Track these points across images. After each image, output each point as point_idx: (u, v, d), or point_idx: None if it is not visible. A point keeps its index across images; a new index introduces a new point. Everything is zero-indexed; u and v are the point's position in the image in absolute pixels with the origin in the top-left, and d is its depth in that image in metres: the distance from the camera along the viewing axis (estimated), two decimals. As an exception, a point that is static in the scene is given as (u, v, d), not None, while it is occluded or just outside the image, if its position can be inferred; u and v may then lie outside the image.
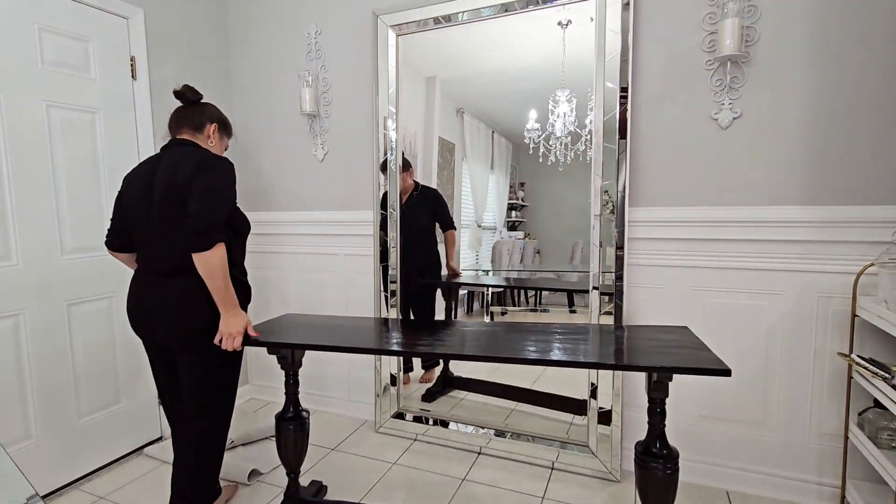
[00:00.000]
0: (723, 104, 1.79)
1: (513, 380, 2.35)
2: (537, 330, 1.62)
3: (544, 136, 2.06)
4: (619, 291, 1.92)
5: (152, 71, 2.31)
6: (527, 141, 2.10)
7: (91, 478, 2.07)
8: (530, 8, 2.01)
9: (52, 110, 1.95)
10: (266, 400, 2.88)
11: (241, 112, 2.78)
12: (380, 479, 2.03)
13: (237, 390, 1.69)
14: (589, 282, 1.97)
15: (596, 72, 1.90)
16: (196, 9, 2.55)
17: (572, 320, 2.21)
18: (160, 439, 2.38)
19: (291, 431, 1.71)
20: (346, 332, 1.68)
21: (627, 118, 1.87)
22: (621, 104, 1.87)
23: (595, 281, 1.95)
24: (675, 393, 1.96)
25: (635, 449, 1.36)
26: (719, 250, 1.85)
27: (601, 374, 1.98)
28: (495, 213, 2.35)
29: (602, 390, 1.98)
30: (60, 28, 1.97)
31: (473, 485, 1.98)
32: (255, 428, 2.39)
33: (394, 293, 2.40)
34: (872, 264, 1.59)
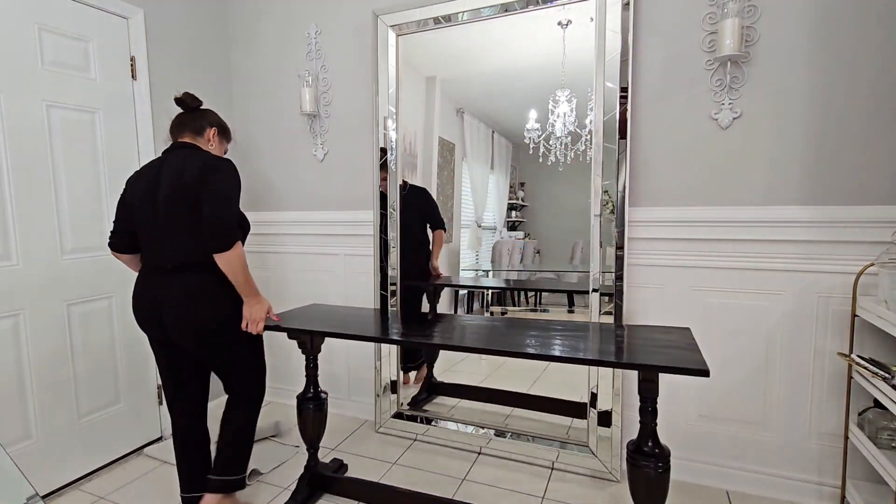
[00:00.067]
0: (723, 104, 1.79)
1: (508, 384, 2.34)
2: (533, 326, 1.66)
3: (544, 136, 2.06)
4: (619, 291, 1.92)
5: (152, 71, 2.31)
6: (527, 141, 2.10)
7: (91, 478, 2.08)
8: (530, 8, 2.01)
9: (52, 110, 1.95)
10: (266, 400, 2.88)
11: (241, 112, 2.78)
12: (380, 480, 2.03)
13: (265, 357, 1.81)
14: (589, 283, 1.97)
15: (596, 72, 1.90)
16: (196, 9, 2.55)
17: (571, 320, 2.20)
18: (160, 439, 2.38)
19: (311, 410, 1.87)
20: (360, 322, 1.84)
21: (627, 118, 1.87)
22: (621, 104, 1.87)
23: (595, 283, 1.95)
24: (675, 393, 1.96)
25: (627, 447, 1.37)
26: (719, 250, 1.85)
27: (601, 374, 1.98)
28: (495, 213, 2.35)
29: (602, 390, 1.98)
30: (60, 28, 1.97)
31: (473, 485, 1.98)
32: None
33: (394, 293, 2.40)
34: (872, 264, 1.59)
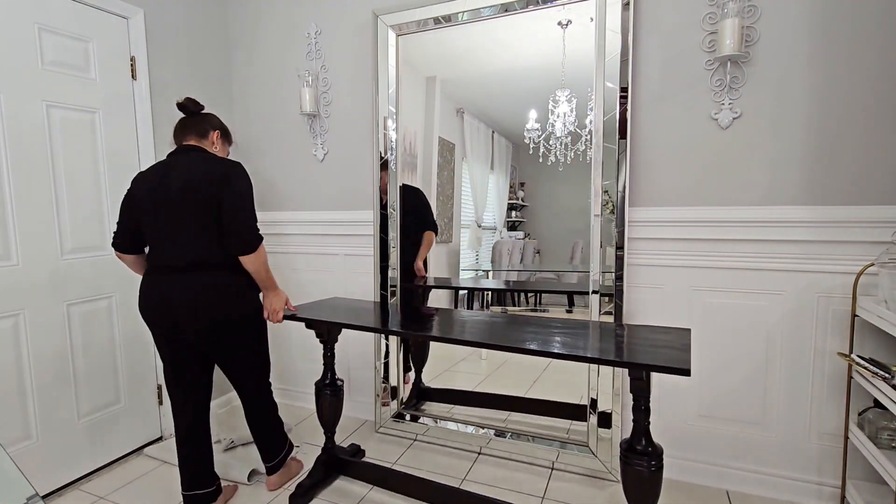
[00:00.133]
0: (723, 104, 1.79)
1: (508, 383, 2.34)
2: (531, 323, 1.69)
3: (544, 136, 2.06)
4: (619, 291, 1.92)
5: (152, 71, 2.31)
6: (527, 141, 2.10)
7: (91, 478, 2.08)
8: (530, 8, 2.01)
9: (52, 110, 1.95)
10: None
11: (241, 112, 2.78)
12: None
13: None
14: (589, 284, 1.97)
15: (596, 72, 1.90)
16: (196, 9, 2.55)
17: (570, 318, 2.20)
18: (160, 439, 2.38)
19: (328, 396, 1.98)
20: (372, 317, 1.92)
21: (627, 118, 1.87)
22: (621, 104, 1.87)
23: (595, 284, 1.95)
24: (675, 393, 1.96)
25: (620, 446, 1.37)
26: (719, 250, 1.85)
27: (602, 374, 1.98)
28: (495, 213, 2.35)
29: (602, 390, 1.98)
30: (60, 28, 1.97)
31: (474, 484, 1.98)
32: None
33: (394, 292, 2.40)
34: (872, 264, 1.59)
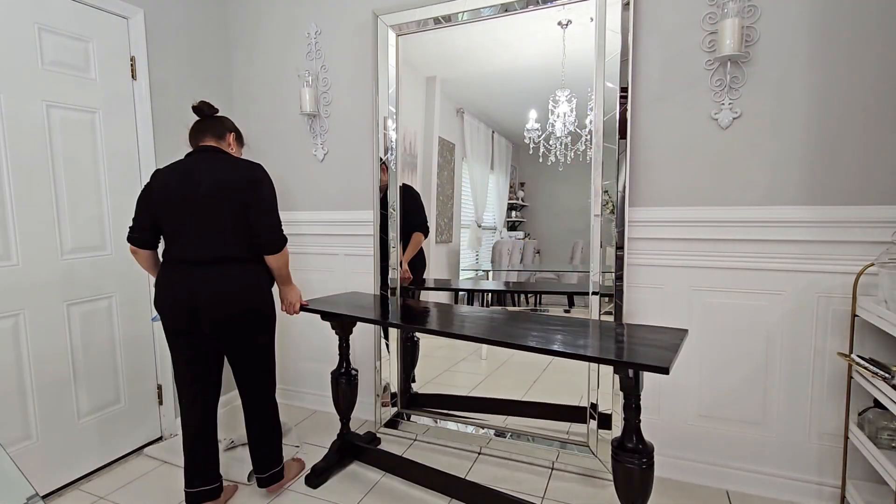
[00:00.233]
0: (723, 104, 1.79)
1: (509, 383, 2.33)
2: (530, 321, 1.72)
3: (544, 136, 2.06)
4: (619, 291, 1.92)
5: (152, 71, 2.31)
6: (527, 141, 2.10)
7: (91, 478, 2.08)
8: (530, 8, 2.01)
9: (52, 110, 1.95)
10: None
11: (241, 112, 2.78)
12: (380, 479, 2.03)
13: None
14: (589, 285, 1.97)
15: (596, 72, 1.90)
16: (196, 9, 2.55)
17: (569, 317, 2.19)
18: (160, 439, 2.38)
19: (344, 384, 2.10)
20: (379, 311, 1.99)
21: (627, 118, 1.87)
22: (621, 104, 1.86)
23: (595, 285, 1.95)
24: (676, 393, 1.96)
25: (612, 444, 1.38)
26: (719, 250, 1.85)
27: (602, 374, 1.98)
28: (495, 213, 2.35)
29: (603, 390, 1.98)
30: (60, 28, 1.97)
31: (473, 485, 1.98)
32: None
33: (393, 291, 2.40)
34: (872, 264, 1.59)
